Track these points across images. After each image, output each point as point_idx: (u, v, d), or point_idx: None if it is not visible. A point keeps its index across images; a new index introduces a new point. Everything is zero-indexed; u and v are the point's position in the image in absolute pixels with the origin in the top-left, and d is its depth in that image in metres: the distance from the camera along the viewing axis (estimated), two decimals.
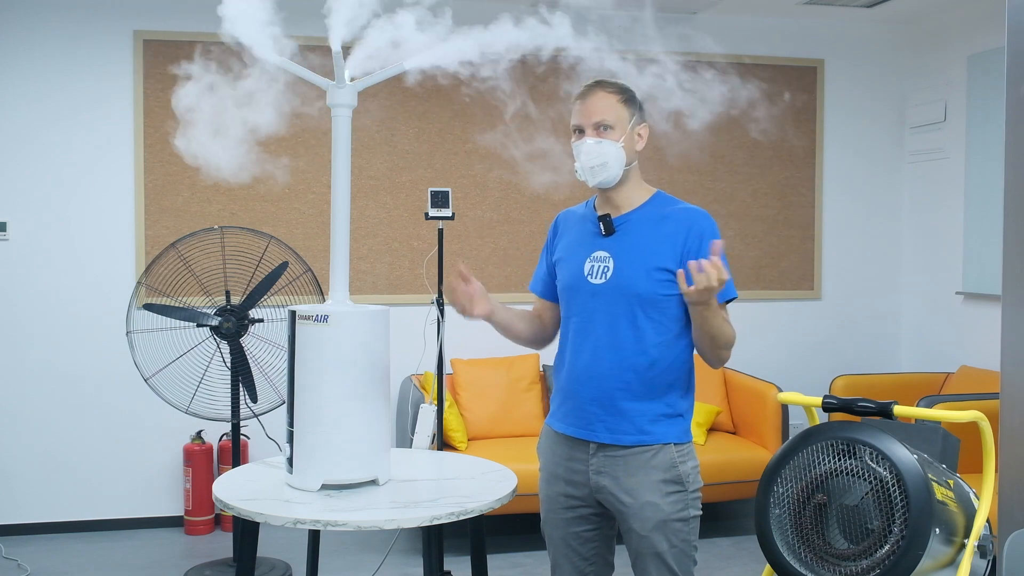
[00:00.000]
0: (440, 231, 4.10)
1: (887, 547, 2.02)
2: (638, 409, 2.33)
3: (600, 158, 2.33)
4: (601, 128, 2.34)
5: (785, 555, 2.16)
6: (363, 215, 5.00)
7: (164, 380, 3.99)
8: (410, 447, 4.31)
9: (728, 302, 2.37)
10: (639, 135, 2.40)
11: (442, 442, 4.18)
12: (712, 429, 4.97)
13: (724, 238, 2.51)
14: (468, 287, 2.38)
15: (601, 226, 2.39)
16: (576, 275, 2.41)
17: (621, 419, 2.33)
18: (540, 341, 2.61)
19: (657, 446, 2.33)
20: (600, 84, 2.39)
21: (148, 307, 4.01)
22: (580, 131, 2.37)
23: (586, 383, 2.37)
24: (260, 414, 4.13)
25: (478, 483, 2.46)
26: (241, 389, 4.08)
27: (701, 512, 2.39)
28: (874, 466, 2.08)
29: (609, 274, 2.35)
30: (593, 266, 2.38)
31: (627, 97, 2.38)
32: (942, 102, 5.28)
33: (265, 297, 4.04)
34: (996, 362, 2.45)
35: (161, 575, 4.22)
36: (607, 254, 2.37)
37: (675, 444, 2.35)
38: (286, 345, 2.41)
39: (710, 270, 2.12)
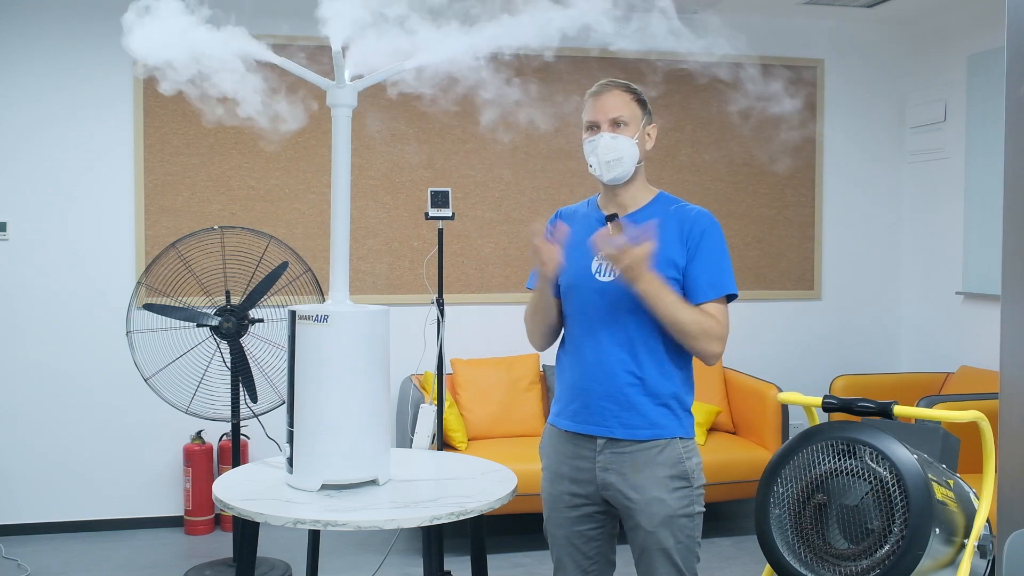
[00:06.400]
0: (440, 231, 4.10)
1: (887, 547, 2.02)
2: (649, 404, 2.37)
3: (616, 152, 2.37)
4: (616, 124, 2.39)
5: (785, 555, 2.16)
6: (363, 215, 5.00)
7: (164, 380, 3.98)
8: (410, 447, 4.31)
9: (730, 299, 2.38)
10: (648, 135, 2.46)
11: (442, 442, 4.18)
12: (712, 429, 4.97)
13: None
14: (553, 248, 2.35)
15: (609, 225, 2.40)
16: (583, 273, 2.42)
17: (634, 414, 2.36)
18: (554, 335, 2.56)
19: (664, 441, 2.37)
20: (614, 83, 2.44)
21: (148, 307, 4.01)
22: (595, 127, 2.41)
23: (598, 380, 2.38)
24: (260, 414, 4.13)
25: (478, 483, 2.46)
26: (241, 389, 4.08)
27: (704, 509, 2.42)
28: (874, 466, 2.08)
29: (618, 271, 2.37)
30: (601, 264, 2.40)
31: (639, 97, 2.44)
32: (942, 102, 5.28)
33: (265, 297, 4.04)
34: (996, 362, 2.44)
35: (161, 575, 4.23)
36: None
37: (681, 439, 2.39)
38: (286, 345, 2.41)
39: (603, 241, 2.23)
